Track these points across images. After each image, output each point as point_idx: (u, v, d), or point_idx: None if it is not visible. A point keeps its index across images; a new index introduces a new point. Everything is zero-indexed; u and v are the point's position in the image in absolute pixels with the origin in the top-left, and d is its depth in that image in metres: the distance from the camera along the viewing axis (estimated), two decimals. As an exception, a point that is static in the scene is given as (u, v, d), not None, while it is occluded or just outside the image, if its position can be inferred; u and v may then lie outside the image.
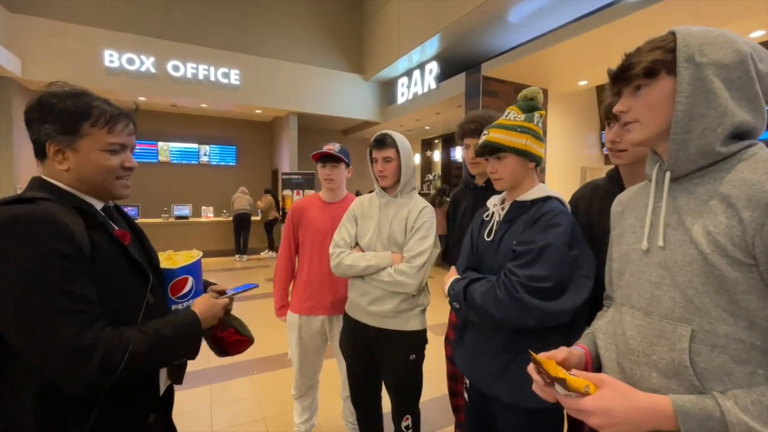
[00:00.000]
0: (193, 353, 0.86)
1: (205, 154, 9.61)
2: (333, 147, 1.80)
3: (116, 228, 0.85)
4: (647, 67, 0.67)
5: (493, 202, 1.23)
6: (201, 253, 1.03)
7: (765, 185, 0.58)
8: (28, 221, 0.68)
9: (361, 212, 1.62)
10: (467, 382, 1.30)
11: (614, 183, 1.16)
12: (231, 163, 9.91)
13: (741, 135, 0.65)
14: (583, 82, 5.77)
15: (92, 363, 0.67)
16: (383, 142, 1.52)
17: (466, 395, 1.33)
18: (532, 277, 0.99)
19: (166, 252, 1.03)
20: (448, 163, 10.52)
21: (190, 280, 0.97)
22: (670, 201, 0.70)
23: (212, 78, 7.24)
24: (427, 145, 11.50)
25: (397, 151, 1.52)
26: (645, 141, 0.73)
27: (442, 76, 6.79)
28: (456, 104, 6.68)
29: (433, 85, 6.95)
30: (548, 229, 1.03)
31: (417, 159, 11.27)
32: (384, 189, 1.58)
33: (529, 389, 0.98)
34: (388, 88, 8.79)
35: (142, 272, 0.85)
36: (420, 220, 1.49)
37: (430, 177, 10.92)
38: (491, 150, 1.13)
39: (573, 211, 1.17)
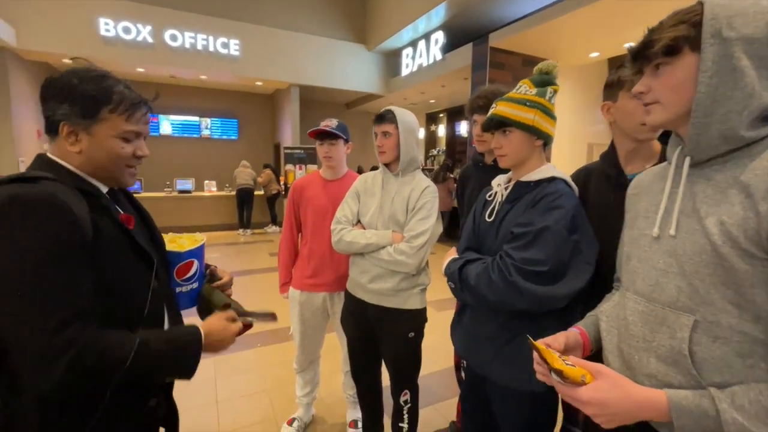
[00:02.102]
0: (187, 373, 0.79)
1: (207, 128, 9.50)
2: (330, 123, 1.76)
3: (121, 212, 0.83)
4: (667, 44, 0.62)
5: (498, 182, 1.19)
6: (204, 237, 1.05)
7: None
8: (28, 202, 0.65)
9: (364, 189, 1.61)
10: (464, 362, 1.31)
11: (611, 165, 1.12)
12: (233, 137, 9.81)
13: None
14: (594, 54, 5.57)
15: (61, 363, 0.63)
16: (383, 117, 1.51)
17: (463, 374, 1.35)
18: (528, 260, 0.96)
19: (169, 234, 1.03)
20: (452, 138, 10.36)
21: (196, 263, 0.99)
22: (687, 187, 0.67)
23: (211, 48, 7.05)
24: (431, 119, 11.29)
25: (396, 126, 1.48)
26: (665, 123, 0.69)
27: (448, 47, 6.56)
28: (462, 76, 6.49)
29: (439, 57, 6.73)
30: (548, 212, 0.99)
31: (421, 134, 11.08)
32: (386, 166, 1.55)
33: (523, 373, 0.97)
34: (392, 60, 8.53)
35: (146, 257, 0.83)
36: (422, 200, 1.47)
37: (434, 152, 10.79)
38: (497, 124, 1.09)
39: None
